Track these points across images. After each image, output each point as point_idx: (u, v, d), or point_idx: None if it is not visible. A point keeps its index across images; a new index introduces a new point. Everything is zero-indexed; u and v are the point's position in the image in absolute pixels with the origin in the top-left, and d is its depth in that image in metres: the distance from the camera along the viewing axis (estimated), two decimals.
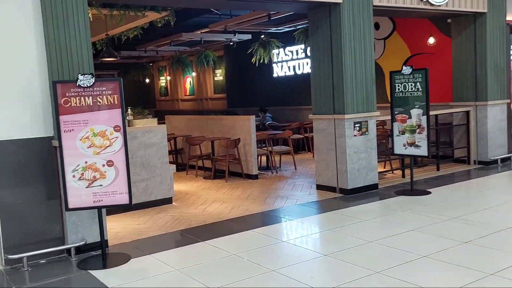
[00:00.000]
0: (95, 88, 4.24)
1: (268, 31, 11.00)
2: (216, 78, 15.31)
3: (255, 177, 8.08)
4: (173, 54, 14.11)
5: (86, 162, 4.26)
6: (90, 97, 4.23)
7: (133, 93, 18.48)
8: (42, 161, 4.43)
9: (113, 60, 10.32)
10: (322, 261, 4.13)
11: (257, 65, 10.70)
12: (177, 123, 10.07)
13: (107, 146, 4.29)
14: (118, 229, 5.38)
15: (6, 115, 4.26)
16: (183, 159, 9.65)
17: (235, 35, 11.28)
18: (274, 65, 12.88)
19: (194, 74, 15.91)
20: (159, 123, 10.17)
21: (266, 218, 5.70)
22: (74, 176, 4.24)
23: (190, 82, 16.60)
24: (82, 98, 4.22)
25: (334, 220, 5.45)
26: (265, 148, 8.79)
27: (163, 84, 18.18)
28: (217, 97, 15.33)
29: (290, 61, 12.53)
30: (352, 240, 4.59)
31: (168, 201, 6.51)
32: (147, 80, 17.77)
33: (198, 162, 8.88)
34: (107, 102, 4.27)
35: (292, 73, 12.50)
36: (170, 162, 9.77)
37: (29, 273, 4.14)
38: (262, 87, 13.49)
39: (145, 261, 4.31)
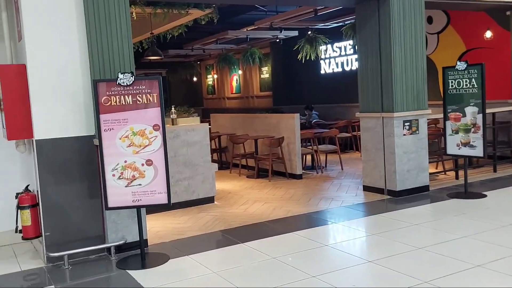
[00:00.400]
0: (134, 87, 4.21)
1: (315, 27, 10.75)
2: (262, 76, 15.21)
3: (299, 177, 7.89)
4: (220, 52, 14.12)
5: (125, 161, 4.24)
6: (130, 96, 4.21)
7: (181, 91, 18.76)
8: (84, 159, 4.45)
9: (158, 59, 10.41)
10: (367, 268, 3.90)
11: (303, 62, 10.48)
12: (222, 121, 10.04)
13: (146, 145, 4.26)
14: (158, 228, 5.37)
15: (50, 114, 4.31)
16: (227, 157, 9.60)
17: (281, 31, 11.09)
18: (321, 61, 12.61)
19: (240, 72, 15.87)
20: (205, 122, 10.19)
21: (309, 220, 5.52)
22: (113, 175, 4.23)
23: (236, 80, 16.59)
24: (122, 96, 4.20)
25: (381, 223, 5.18)
26: (310, 147, 8.58)
27: (210, 83, 18.28)
28: (263, 95, 15.22)
29: (338, 57, 12.22)
30: (400, 246, 4.33)
31: (210, 200, 6.45)
32: (195, 79, 17.93)
33: (242, 161, 8.79)
34: (147, 101, 4.23)
35: (340, 69, 12.18)
36: (214, 161, 9.81)
37: (70, 272, 4.17)
38: (309, 84, 13.25)
39: (183, 262, 4.24)
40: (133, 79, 4.18)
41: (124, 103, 4.20)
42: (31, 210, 4.35)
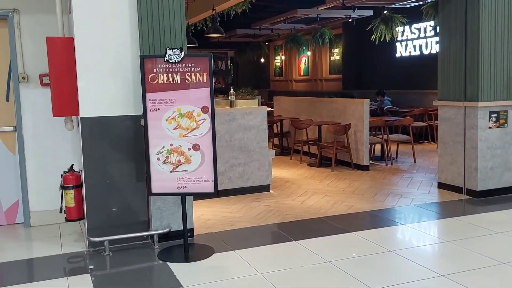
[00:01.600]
0: (183, 64, 3.84)
1: (392, 5, 9.87)
2: (332, 58, 14.47)
3: (365, 168, 7.27)
4: (289, 32, 13.55)
5: (171, 145, 3.91)
6: (178, 74, 3.85)
7: (248, 73, 18.43)
8: (131, 140, 4.18)
9: (220, 36, 10.06)
10: (437, 283, 3.32)
11: (377, 43, 9.67)
12: (285, 104, 9.55)
13: (194, 129, 3.89)
14: (208, 215, 5.05)
15: (97, 90, 4.06)
16: (288, 143, 9.13)
17: (354, 10, 10.33)
18: (397, 44, 11.68)
19: (309, 53, 15.22)
20: (268, 104, 9.76)
21: (373, 219, 4.95)
22: (158, 159, 3.92)
23: (305, 62, 15.96)
24: (170, 74, 3.85)
25: (457, 229, 4.51)
26: (380, 136, 7.89)
27: (278, 64, 17.78)
28: (332, 78, 14.50)
29: (416, 40, 11.24)
30: (479, 259, 3.68)
31: (266, 188, 6.04)
32: (262, 60, 17.49)
33: (304, 148, 8.28)
34: (196, 80, 3.85)
35: (417, 53, 11.21)
36: (275, 146, 9.40)
37: (110, 258, 3.95)
38: (382, 68, 12.37)
39: (228, 258, 3.88)
40: (182, 56, 3.82)
41: (171, 82, 3.86)
42: (75, 191, 4.17)
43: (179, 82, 3.85)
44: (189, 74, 3.85)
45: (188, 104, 3.88)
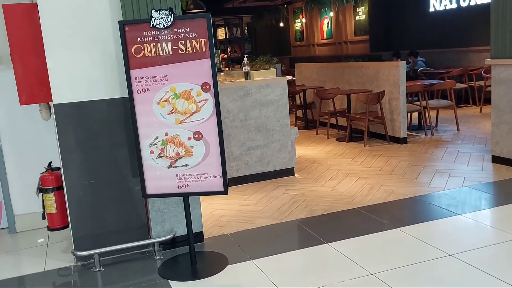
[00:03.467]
0: (175, 30, 2.99)
1: None
2: (357, 18, 13.29)
3: (403, 141, 6.36)
4: None
5: (166, 134, 3.11)
6: (169, 43, 3.01)
7: (267, 39, 17.35)
8: (119, 129, 3.40)
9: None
10: None
11: None
12: (308, 72, 8.60)
13: (194, 112, 3.07)
14: (222, 210, 4.29)
15: (72, 70, 3.26)
16: (313, 115, 8.23)
17: None
18: None
19: (332, 14, 14.05)
20: (289, 73, 8.81)
21: (421, 209, 4.10)
22: (152, 153, 3.13)
23: (327, 23, 14.80)
24: (159, 44, 3.01)
25: None
26: (417, 103, 6.92)
27: (299, 28, 16.64)
28: (358, 40, 13.37)
29: None
30: None
31: (289, 172, 5.22)
32: (282, 24, 16.37)
33: (331, 120, 7.38)
34: (192, 50, 3.00)
35: (454, 6, 10.01)
36: (299, 119, 8.52)
37: (101, 275, 3.22)
38: (414, 25, 11.20)
39: (244, 271, 3.11)
40: (172, 19, 2.96)
41: (161, 54, 3.02)
42: (55, 194, 3.44)
43: (170, 53, 3.02)
44: (183, 42, 3.00)
45: (184, 81, 3.05)
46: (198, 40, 2.99)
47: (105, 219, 3.43)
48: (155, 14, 2.98)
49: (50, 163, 3.57)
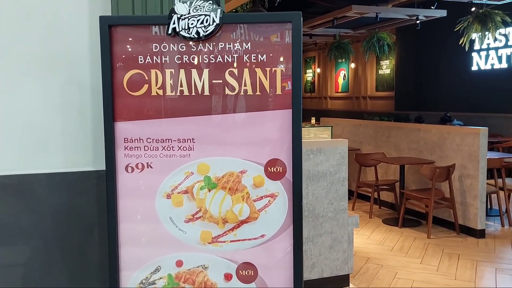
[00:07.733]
0: (219, 43, 1.39)
1: (482, 1, 7.39)
2: (380, 72, 11.97)
3: (480, 234, 4.70)
4: (330, 38, 11.12)
5: (179, 264, 1.45)
6: (206, 72, 1.40)
7: None
8: (83, 242, 1.73)
9: None
10: None
11: (466, 47, 7.08)
12: (339, 129, 7.02)
13: (244, 221, 1.43)
14: None
15: (5, 112, 1.63)
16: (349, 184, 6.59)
17: (430, 7, 7.88)
18: (473, 54, 9.17)
19: (353, 65, 12.74)
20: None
21: None
22: None
23: (344, 76, 13.48)
24: (184, 72, 1.40)
25: None
26: (491, 181, 5.32)
27: (309, 79, 15.33)
28: (379, 96, 11.99)
29: (501, 49, 8.71)
30: None
31: (343, 281, 3.50)
32: None
33: (373, 193, 5.72)
34: (255, 89, 1.40)
35: (504, 65, 8.68)
36: None
37: None
38: (450, 85, 9.84)
39: None
40: (218, 21, 1.37)
41: (187, 93, 1.41)
42: None
43: (206, 93, 1.40)
44: (238, 71, 1.40)
45: (229, 154, 1.43)
46: (272, 68, 1.38)
47: None
48: (180, 7, 1.39)
49: None
